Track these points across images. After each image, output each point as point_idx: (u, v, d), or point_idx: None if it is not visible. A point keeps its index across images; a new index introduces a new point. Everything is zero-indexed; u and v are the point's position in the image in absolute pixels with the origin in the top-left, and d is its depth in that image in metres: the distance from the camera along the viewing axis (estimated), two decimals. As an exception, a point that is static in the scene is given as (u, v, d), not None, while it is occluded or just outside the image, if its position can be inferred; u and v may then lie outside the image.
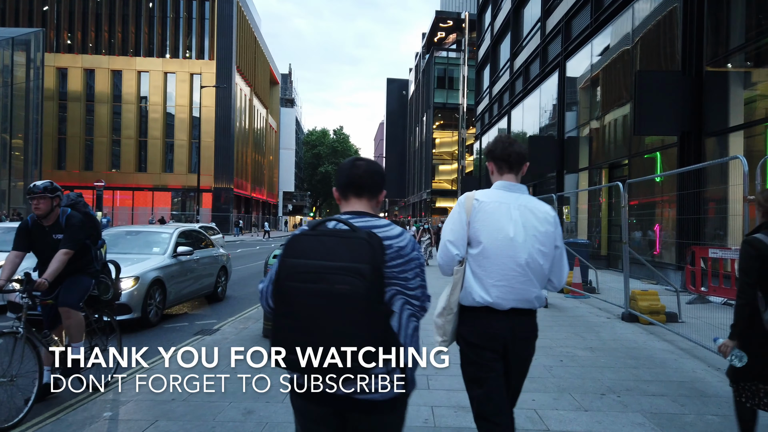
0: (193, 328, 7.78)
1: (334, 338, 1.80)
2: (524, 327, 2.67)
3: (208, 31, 48.21)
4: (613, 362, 5.68)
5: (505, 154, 2.72)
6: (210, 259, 10.07)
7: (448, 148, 60.62)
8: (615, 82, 15.54)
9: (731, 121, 10.99)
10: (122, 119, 47.06)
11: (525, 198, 2.67)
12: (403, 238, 2.03)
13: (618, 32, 15.32)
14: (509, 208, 2.61)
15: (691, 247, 10.13)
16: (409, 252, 2.02)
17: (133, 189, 47.34)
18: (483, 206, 2.61)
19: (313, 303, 1.81)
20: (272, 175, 73.41)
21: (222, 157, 47.72)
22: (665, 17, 12.81)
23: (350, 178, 2.11)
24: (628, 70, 14.64)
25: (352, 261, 1.82)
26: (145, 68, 47.34)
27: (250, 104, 57.30)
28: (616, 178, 16.44)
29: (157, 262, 8.13)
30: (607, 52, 16.00)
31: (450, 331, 2.70)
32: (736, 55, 11.02)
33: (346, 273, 1.80)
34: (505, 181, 2.71)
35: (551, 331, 7.29)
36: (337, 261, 1.82)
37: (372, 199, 2.14)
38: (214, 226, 19.26)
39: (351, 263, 1.81)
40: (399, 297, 1.99)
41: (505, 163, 2.73)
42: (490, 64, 34.15)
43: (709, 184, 11.20)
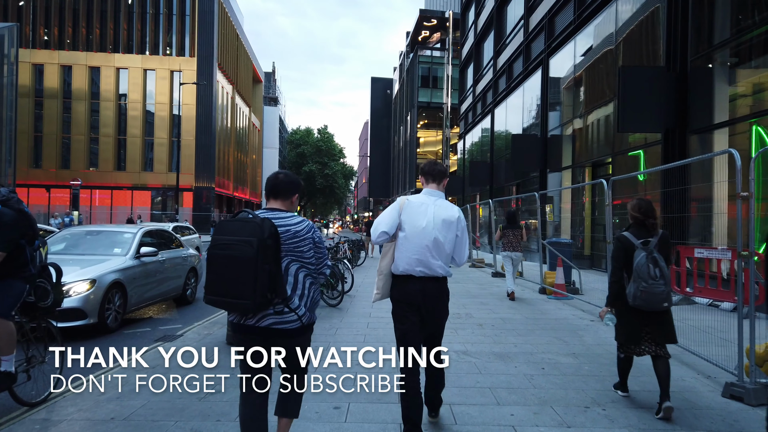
0: (155, 334, 7.34)
1: (235, 287, 2.80)
2: (432, 288, 3.59)
3: (188, 28, 47.40)
4: (597, 370, 5.35)
5: (430, 171, 3.82)
6: (178, 260, 9.59)
7: (432, 148, 60.38)
8: (598, 79, 15.29)
9: (716, 118, 10.76)
10: (100, 117, 46.08)
11: (440, 201, 3.71)
12: (300, 224, 3.05)
13: (601, 29, 15.07)
14: (427, 207, 3.63)
15: (675, 246, 9.86)
16: (305, 234, 3.04)
17: (112, 188, 46.40)
18: (410, 205, 3.64)
19: (222, 263, 2.86)
20: (255, 174, 72.62)
21: (203, 155, 46.96)
22: (649, 14, 12.57)
23: (271, 185, 3.15)
24: (611, 67, 14.39)
25: (247, 236, 2.80)
26: (124, 65, 46.41)
27: (232, 102, 56.53)
28: (600, 176, 16.20)
29: (118, 263, 7.64)
30: (591, 50, 15.76)
31: (381, 287, 3.79)
32: (721, 50, 10.78)
33: (242, 244, 2.80)
34: (430, 189, 3.79)
35: (533, 335, 6.95)
36: (238, 236, 2.83)
37: (286, 200, 3.15)
38: (189, 225, 18.70)
39: (245, 237, 2.80)
40: (294, 263, 3.02)
41: (430, 176, 3.81)
42: (473, 63, 33.91)
43: (693, 182, 10.95)
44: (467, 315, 8.44)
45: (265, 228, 2.82)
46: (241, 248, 2.79)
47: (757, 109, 10.09)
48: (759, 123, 10.16)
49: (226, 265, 2.84)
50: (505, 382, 4.87)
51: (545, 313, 8.73)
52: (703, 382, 4.95)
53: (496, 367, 5.37)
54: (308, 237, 3.04)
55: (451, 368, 5.27)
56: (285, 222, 3.00)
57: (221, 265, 2.87)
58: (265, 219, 2.87)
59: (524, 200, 21.96)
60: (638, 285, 4.24)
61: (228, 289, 2.84)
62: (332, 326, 7.41)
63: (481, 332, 7.08)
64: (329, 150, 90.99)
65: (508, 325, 7.60)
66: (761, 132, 10.22)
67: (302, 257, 3.03)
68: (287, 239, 2.97)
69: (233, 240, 2.84)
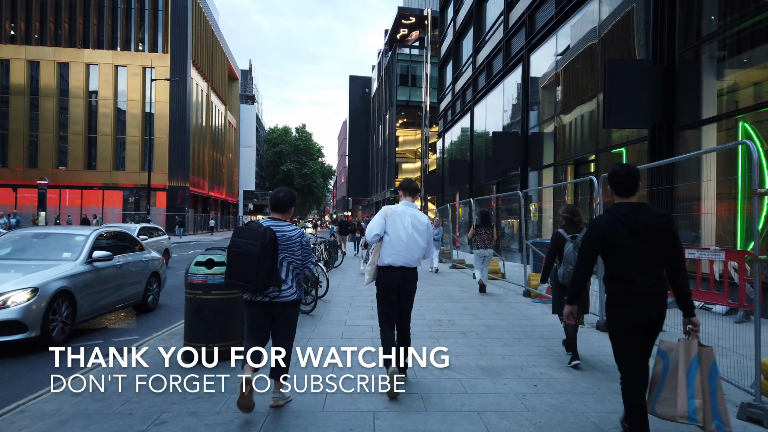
0: (107, 348, 6.62)
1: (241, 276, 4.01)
2: (407, 275, 4.77)
3: (161, 23, 46.18)
4: (594, 386, 4.82)
5: (407, 188, 5.02)
6: (138, 265, 8.88)
7: (411, 147, 59.96)
8: (581, 75, 14.89)
9: (704, 113, 10.38)
10: (69, 114, 44.64)
11: (415, 211, 4.86)
12: (293, 231, 4.27)
13: (584, 23, 14.67)
14: (405, 215, 4.80)
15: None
16: (296, 239, 4.25)
17: (82, 188, 45.02)
18: (393, 214, 4.80)
19: (236, 257, 4.07)
20: (232, 173, 71.37)
21: (177, 154, 45.80)
22: (634, 5, 12.17)
23: (274, 202, 4.42)
24: (595, 62, 14.00)
25: (253, 240, 4.00)
26: (94, 61, 45.04)
27: (207, 100, 55.34)
28: (582, 174, 15.82)
29: (66, 269, 6.92)
30: (573, 45, 15.35)
31: (372, 274, 4.87)
32: (709, 43, 10.40)
33: (249, 245, 4.00)
34: (407, 201, 4.96)
35: (521, 345, 6.42)
36: (248, 239, 4.03)
37: (285, 213, 4.41)
38: (158, 226, 17.86)
39: (252, 240, 4.00)
40: (287, 258, 4.21)
41: (407, 191, 5.02)
42: (452, 60, 33.48)
43: (680, 180, 10.56)
44: (449, 322, 7.89)
45: (267, 235, 4.05)
46: (249, 248, 4.02)
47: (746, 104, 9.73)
48: (745, 119, 9.82)
49: (239, 259, 4.08)
50: (494, 404, 4.32)
51: (531, 319, 8.22)
52: (713, 400, 4.45)
53: (484, 384, 4.82)
54: (297, 240, 4.29)
55: (433, 387, 4.72)
56: (282, 229, 4.24)
57: (236, 259, 4.12)
58: (268, 228, 4.10)
59: (505, 199, 21.56)
60: (566, 268, 5.65)
61: (240, 275, 4.07)
62: (303, 336, 6.80)
63: (465, 342, 6.53)
64: (307, 149, 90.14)
65: (493, 333, 7.07)
66: (747, 128, 9.87)
67: (293, 254, 4.27)
68: (283, 242, 4.21)
69: (244, 242, 4.07)
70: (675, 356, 3.40)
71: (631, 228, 3.34)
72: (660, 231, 3.34)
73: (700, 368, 3.33)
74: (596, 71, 13.85)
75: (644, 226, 3.33)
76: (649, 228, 3.33)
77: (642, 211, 3.40)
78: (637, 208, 3.41)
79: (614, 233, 3.36)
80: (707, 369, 3.34)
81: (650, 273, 3.31)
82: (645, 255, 3.32)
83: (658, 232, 3.33)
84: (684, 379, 3.31)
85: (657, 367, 3.50)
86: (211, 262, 5.60)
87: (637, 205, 3.44)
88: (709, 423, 3.24)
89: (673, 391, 3.33)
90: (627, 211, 3.40)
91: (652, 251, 3.33)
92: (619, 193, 3.53)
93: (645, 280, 3.30)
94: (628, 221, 3.35)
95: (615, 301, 3.41)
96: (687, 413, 3.25)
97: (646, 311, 3.34)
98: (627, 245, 3.33)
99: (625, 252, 3.35)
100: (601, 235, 3.41)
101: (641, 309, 3.33)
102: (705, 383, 3.31)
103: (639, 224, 3.33)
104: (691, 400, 3.27)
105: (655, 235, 3.33)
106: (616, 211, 3.43)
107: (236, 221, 73.15)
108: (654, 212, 3.41)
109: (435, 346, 6.10)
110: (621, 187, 3.50)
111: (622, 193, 3.51)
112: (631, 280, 3.33)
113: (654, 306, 3.35)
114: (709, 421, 3.24)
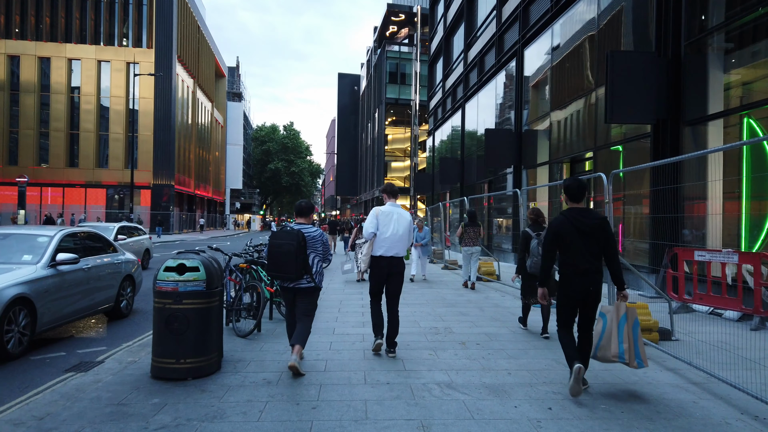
0: (70, 360, 5.99)
1: (282, 269, 5.17)
2: (396, 263, 5.93)
3: (146, 18, 45.23)
4: (616, 408, 4.26)
5: (391, 191, 6.37)
6: (109, 268, 8.21)
7: (400, 145, 59.36)
8: (578, 69, 14.39)
9: (710, 109, 9.90)
10: (51, 110, 43.60)
11: (400, 210, 6.10)
12: (315, 232, 5.44)
13: (581, 14, 14.16)
14: (392, 215, 6.01)
15: (672, 248, 8.95)
16: (318, 238, 5.41)
17: (64, 185, 44.02)
18: (383, 214, 6.01)
19: (278, 254, 5.19)
20: (218, 171, 70.35)
21: (162, 151, 44.90)
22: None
23: (298, 209, 5.59)
24: (594, 55, 13.50)
25: (290, 240, 5.14)
26: (76, 56, 44.01)
27: (193, 96, 54.38)
28: (578, 172, 15.33)
29: (24, 274, 6.24)
30: (570, 37, 14.84)
31: (366, 264, 6.04)
32: (716, 34, 9.91)
33: (288, 244, 5.13)
34: (391, 202, 6.22)
35: (527, 357, 5.85)
36: (285, 240, 5.17)
37: (306, 217, 5.57)
38: (138, 225, 17.10)
39: (290, 240, 5.14)
40: (312, 253, 5.33)
41: (391, 194, 6.34)
42: (443, 57, 32.93)
43: (685, 180, 10.08)
44: (446, 330, 7.32)
45: (300, 236, 5.20)
46: (287, 247, 5.14)
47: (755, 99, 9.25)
48: (750, 115, 9.36)
49: (280, 255, 5.18)
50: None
51: (535, 326, 7.66)
52: (752, 426, 3.91)
53: (492, 407, 4.24)
54: (320, 239, 5.45)
55: (435, 411, 4.14)
56: (309, 232, 5.40)
57: (278, 255, 5.20)
58: (299, 231, 5.26)
59: (498, 198, 21.05)
60: (532, 259, 6.86)
61: (281, 268, 5.20)
62: (287, 348, 6.18)
63: (466, 354, 5.96)
64: (295, 147, 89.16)
65: (495, 344, 6.50)
66: (753, 124, 9.41)
67: (317, 250, 5.42)
68: (309, 240, 5.34)
69: (283, 242, 5.18)
70: (611, 316, 4.64)
71: (577, 227, 4.46)
72: (598, 230, 4.47)
73: (627, 323, 4.59)
74: (595, 65, 13.36)
75: (586, 226, 4.46)
76: (590, 227, 4.46)
77: (586, 215, 4.54)
78: (583, 212, 4.56)
79: (564, 231, 4.51)
80: (632, 323, 4.62)
81: (590, 260, 4.45)
82: (586, 247, 4.46)
83: (597, 231, 4.46)
84: (615, 330, 4.55)
85: (598, 325, 4.71)
86: (182, 267, 4.97)
87: (583, 210, 4.59)
88: (632, 360, 4.53)
89: (608, 339, 4.59)
90: (575, 214, 4.52)
91: (592, 244, 4.46)
92: (571, 199, 4.67)
93: (586, 265, 4.44)
94: (575, 222, 4.48)
95: (565, 279, 4.59)
96: (618, 354, 4.52)
97: (586, 286, 4.48)
98: (573, 240, 4.47)
99: (572, 245, 4.49)
100: (555, 233, 4.58)
101: (583, 285, 4.48)
102: (630, 333, 4.58)
103: (583, 224, 4.46)
104: (620, 345, 4.53)
105: (594, 233, 4.45)
106: (568, 213, 4.58)
107: (223, 220, 72.25)
108: (595, 215, 4.57)
109: (433, 362, 5.57)
110: (573, 195, 4.65)
111: (573, 200, 4.66)
112: (576, 265, 4.48)
113: (592, 282, 4.48)
114: (632, 359, 4.53)
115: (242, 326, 6.98)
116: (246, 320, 7.10)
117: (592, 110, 13.54)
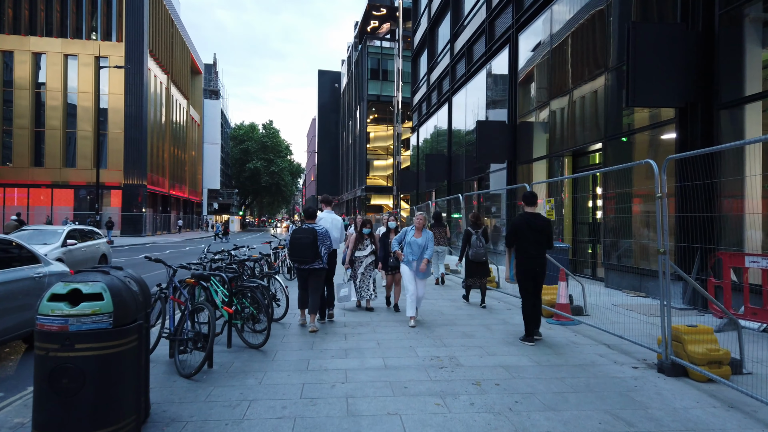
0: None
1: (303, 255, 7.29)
2: (332, 254, 8.04)
3: (115, 10, 43.03)
4: None
5: (326, 200, 8.75)
6: (25, 284, 6.52)
7: (383, 143, 57.79)
8: (583, 50, 12.95)
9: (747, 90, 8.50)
10: (14, 107, 41.22)
11: (333, 215, 8.45)
12: (321, 229, 7.53)
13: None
14: (329, 219, 8.34)
15: (716, 253, 7.52)
16: (324, 233, 7.49)
17: (29, 186, 41.64)
18: (322, 219, 8.26)
19: (299, 246, 7.30)
20: (195, 171, 68.08)
21: (133, 150, 42.77)
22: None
23: (305, 211, 7.96)
24: (600, 34, 12.08)
25: (307, 235, 7.31)
26: (41, 49, 41.71)
27: (167, 93, 52.20)
28: (581, 167, 13.92)
29: None
30: (574, 16, 13.40)
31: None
32: (755, 2, 8.50)
33: (306, 237, 7.30)
34: (328, 210, 8.55)
35: (567, 405, 4.29)
36: (304, 234, 7.33)
37: (312, 219, 7.78)
38: (94, 228, 15.29)
39: (307, 235, 7.31)
40: (321, 244, 7.40)
41: (327, 203, 8.71)
42: (427, 50, 31.46)
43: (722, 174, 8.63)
44: (451, 360, 5.75)
45: (314, 232, 7.27)
46: (305, 240, 7.21)
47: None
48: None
49: (300, 246, 7.22)
50: None
51: (560, 352, 6.14)
52: None
53: None
54: (324, 234, 7.42)
55: None
56: (318, 229, 7.39)
57: (298, 246, 7.23)
58: (312, 228, 7.33)
59: (491, 197, 19.61)
60: (473, 250, 9.42)
61: (301, 255, 7.24)
62: (243, 397, 4.59)
63: (484, 403, 4.39)
64: (275, 146, 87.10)
65: (520, 384, 4.93)
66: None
67: (324, 242, 7.39)
68: (320, 235, 7.33)
69: (303, 236, 7.24)
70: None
71: (530, 225, 6.59)
72: (544, 228, 6.62)
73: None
74: (603, 44, 11.93)
75: (537, 225, 6.60)
76: (539, 226, 6.60)
77: (537, 217, 6.69)
78: (535, 215, 6.72)
79: (521, 227, 6.61)
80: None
81: (537, 249, 6.56)
82: (536, 239, 6.55)
83: (544, 229, 6.61)
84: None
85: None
86: (76, 294, 3.36)
87: (535, 213, 6.75)
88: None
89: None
90: (529, 216, 6.67)
91: (539, 238, 6.57)
92: (527, 204, 6.87)
93: (535, 253, 6.55)
94: (529, 222, 6.62)
95: (520, 263, 6.60)
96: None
97: (534, 267, 6.55)
98: (527, 234, 6.57)
99: (526, 238, 6.56)
100: (515, 228, 6.68)
101: (532, 266, 6.55)
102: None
103: (534, 224, 6.61)
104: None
105: (543, 230, 6.60)
106: (525, 215, 6.73)
107: (200, 221, 70.02)
108: (542, 218, 6.73)
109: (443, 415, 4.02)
110: (528, 202, 6.89)
111: (529, 205, 6.86)
112: (528, 252, 6.56)
113: (538, 264, 6.57)
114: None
115: (187, 360, 5.36)
116: (194, 353, 5.47)
117: (601, 96, 12.11)
